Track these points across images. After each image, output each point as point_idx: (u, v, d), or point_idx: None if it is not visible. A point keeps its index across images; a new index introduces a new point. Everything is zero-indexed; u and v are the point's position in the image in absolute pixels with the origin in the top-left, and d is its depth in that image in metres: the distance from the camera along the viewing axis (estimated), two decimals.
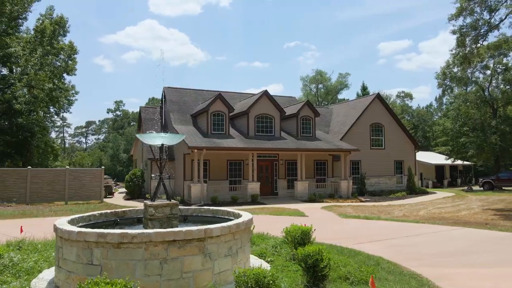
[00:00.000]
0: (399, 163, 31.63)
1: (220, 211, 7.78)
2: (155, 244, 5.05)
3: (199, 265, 5.29)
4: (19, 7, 26.65)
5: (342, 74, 59.08)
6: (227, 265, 5.61)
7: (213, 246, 5.45)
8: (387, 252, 8.76)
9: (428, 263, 7.83)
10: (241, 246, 5.99)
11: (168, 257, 5.10)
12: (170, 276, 5.10)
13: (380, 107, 31.20)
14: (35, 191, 23.10)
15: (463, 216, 17.59)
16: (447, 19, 22.40)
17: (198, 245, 5.31)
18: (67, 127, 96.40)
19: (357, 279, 6.06)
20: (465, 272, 7.15)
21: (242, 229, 6.00)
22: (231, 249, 5.74)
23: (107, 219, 7.38)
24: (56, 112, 40.28)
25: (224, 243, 5.62)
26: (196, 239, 5.28)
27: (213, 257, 5.44)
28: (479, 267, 7.53)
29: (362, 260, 7.34)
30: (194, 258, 5.26)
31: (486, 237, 11.09)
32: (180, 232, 5.16)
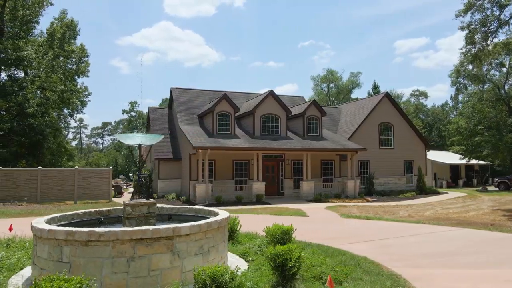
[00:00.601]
0: (409, 163, 31.19)
1: (203, 210, 7.85)
2: (122, 242, 5.14)
3: (168, 263, 5.36)
4: (30, 11, 27.34)
5: (353, 73, 58.63)
6: (198, 263, 5.66)
7: (182, 244, 5.52)
8: (375, 252, 8.69)
9: (413, 263, 7.74)
10: (214, 245, 6.04)
11: (135, 255, 5.19)
12: (137, 274, 5.19)
13: (389, 106, 30.82)
14: (45, 191, 23.66)
15: (470, 217, 17.26)
16: (455, 15, 21.96)
17: (167, 244, 5.39)
18: (84, 128, 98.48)
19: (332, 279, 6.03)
20: (447, 273, 7.04)
21: (215, 228, 6.05)
22: (202, 247, 5.80)
23: (91, 218, 7.53)
24: (69, 113, 41.15)
25: (194, 242, 5.68)
26: (164, 237, 5.36)
27: (182, 255, 5.51)
28: (464, 268, 7.41)
29: (343, 260, 7.31)
30: (162, 256, 5.35)
31: (483, 238, 10.87)
32: (147, 230, 5.25)
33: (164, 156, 26.12)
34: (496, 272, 7.13)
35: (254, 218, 15.73)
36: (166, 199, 24.21)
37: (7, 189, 22.99)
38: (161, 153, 26.25)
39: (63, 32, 29.08)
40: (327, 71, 58.12)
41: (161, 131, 28.03)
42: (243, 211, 18.21)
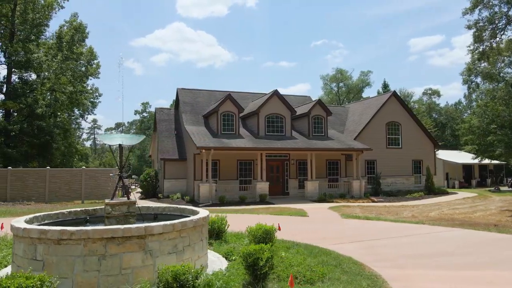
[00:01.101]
0: (418, 163, 30.78)
1: (187, 209, 7.92)
2: (93, 241, 5.24)
3: (139, 262, 5.43)
4: (40, 15, 27.90)
5: (364, 72, 58.05)
6: (171, 262, 5.71)
7: (154, 243, 5.59)
8: (363, 253, 8.64)
9: (397, 264, 7.66)
10: (189, 244, 6.10)
11: (106, 253, 5.28)
12: (109, 272, 5.27)
13: (397, 105, 30.46)
14: (53, 191, 24.13)
15: (475, 218, 16.95)
16: (462, 13, 21.63)
17: (139, 243, 5.46)
18: (97, 128, 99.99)
19: (305, 279, 6.03)
20: (430, 274, 6.95)
21: (190, 227, 6.10)
22: (176, 247, 5.86)
23: (77, 217, 7.66)
24: (81, 114, 41.86)
25: (168, 241, 5.74)
26: (136, 236, 5.43)
27: (155, 254, 5.58)
28: (449, 269, 7.30)
29: (325, 260, 7.28)
30: (134, 255, 5.42)
31: (480, 239, 10.69)
32: (118, 229, 5.33)
33: (170, 156, 26.34)
34: (481, 273, 7.01)
35: (253, 218, 15.70)
36: (171, 199, 24.40)
37: (16, 189, 23.52)
38: (167, 153, 26.48)
39: (72, 35, 29.63)
40: (337, 70, 57.83)
41: (167, 131, 28.30)
42: (244, 211, 18.27)
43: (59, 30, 30.07)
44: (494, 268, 7.41)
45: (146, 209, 8.44)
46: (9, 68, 28.02)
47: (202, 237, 6.57)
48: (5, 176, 23.35)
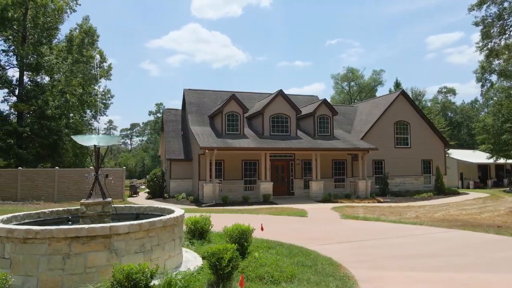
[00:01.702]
0: (427, 163, 30.26)
1: (167, 209, 7.98)
2: (57, 240, 5.34)
3: (104, 261, 5.52)
4: (51, 19, 28.54)
5: (376, 71, 57.40)
6: (138, 261, 5.76)
7: (120, 243, 5.66)
8: (346, 253, 8.57)
9: (378, 265, 7.57)
10: (158, 243, 6.16)
11: (71, 252, 5.38)
12: (73, 270, 5.37)
13: (405, 104, 30.01)
14: (62, 190, 24.64)
15: (481, 218, 16.55)
16: (467, 9, 21.16)
17: (104, 242, 5.54)
18: (113, 129, 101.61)
19: (272, 279, 6.02)
20: (407, 275, 6.84)
21: (159, 227, 6.16)
22: (143, 246, 5.92)
23: (60, 217, 7.81)
24: (93, 115, 42.60)
25: (134, 240, 5.81)
26: (101, 236, 5.52)
27: (121, 253, 5.65)
28: (429, 271, 7.16)
29: (301, 261, 7.25)
30: (99, 254, 5.51)
31: (474, 241, 10.46)
32: (82, 229, 5.42)
33: (176, 156, 26.59)
34: (459, 275, 6.87)
35: (251, 218, 15.71)
36: (176, 198, 24.63)
37: (27, 188, 24.12)
38: (173, 154, 26.74)
39: (82, 38, 30.21)
40: (348, 69, 57.31)
41: (174, 132, 28.56)
42: (244, 211, 18.30)
43: (69, 33, 30.71)
44: (474, 270, 7.24)
45: (128, 209, 8.56)
46: (21, 71, 28.77)
47: (175, 237, 6.62)
48: (15, 176, 23.97)
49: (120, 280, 4.56)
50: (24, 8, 28.30)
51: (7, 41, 28.88)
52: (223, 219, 14.98)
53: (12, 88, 28.65)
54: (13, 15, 28.35)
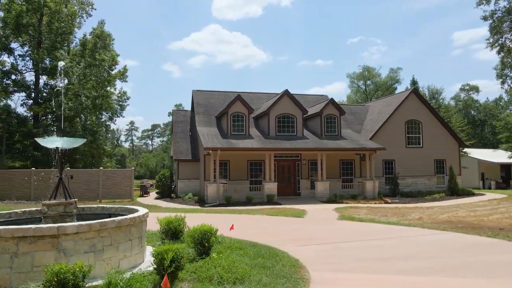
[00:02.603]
0: (441, 162, 29.45)
1: (134, 209, 8.11)
2: (5, 240, 5.53)
3: (52, 260, 5.67)
4: (64, 24, 29.44)
5: (393, 69, 56.30)
6: (88, 261, 5.92)
7: (69, 243, 5.81)
8: (318, 255, 8.49)
9: (343, 267, 7.46)
10: (111, 243, 6.28)
11: (18, 251, 5.56)
12: (21, 269, 5.56)
13: (417, 102, 29.31)
14: (73, 190, 24.69)
15: (488, 221, 15.99)
16: (476, 3, 20.44)
17: (52, 242, 5.70)
18: (135, 130, 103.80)
19: (221, 280, 6.03)
20: (367, 277, 6.72)
21: (112, 227, 6.28)
22: (94, 246, 6.05)
23: (32, 216, 8.05)
24: (110, 117, 43.62)
25: (84, 240, 5.95)
26: (48, 235, 5.68)
27: (69, 253, 5.80)
28: (393, 273, 7.01)
29: (261, 262, 7.22)
30: (47, 253, 5.67)
31: (461, 243, 10.13)
32: (29, 229, 5.59)
33: (184, 157, 26.89)
34: (422, 279, 6.69)
35: (245, 219, 15.77)
36: (182, 198, 24.91)
37: (40, 188, 24.92)
38: (181, 154, 27.05)
39: (94, 42, 31.03)
40: (363, 68, 56.38)
41: (182, 132, 28.90)
42: (243, 212, 18.31)
43: (83, 38, 31.61)
44: (441, 274, 7.03)
45: (101, 209, 8.76)
46: (36, 74, 29.82)
47: (132, 237, 6.73)
48: (29, 177, 24.85)
49: (50, 280, 4.68)
50: (39, 14, 29.29)
51: (23, 46, 29.97)
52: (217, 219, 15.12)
53: (29, 92, 29.71)
54: (29, 21, 29.41)
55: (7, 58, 29.73)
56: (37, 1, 28.66)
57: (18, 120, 28.45)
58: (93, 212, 8.55)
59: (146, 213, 7.29)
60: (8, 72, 28.92)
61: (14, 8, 27.40)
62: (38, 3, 28.72)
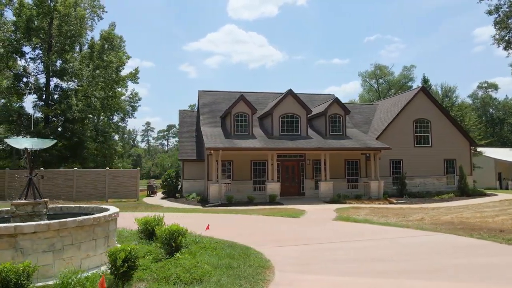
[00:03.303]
0: (451, 162, 28.74)
1: (104, 209, 8.18)
2: None
3: (9, 258, 5.76)
4: (73, 27, 30.05)
5: (406, 67, 55.25)
6: (46, 260, 6.01)
7: (26, 242, 5.89)
8: (290, 256, 8.41)
9: (311, 269, 7.35)
10: (72, 243, 6.34)
11: None
12: None
13: (426, 101, 28.69)
14: (80, 190, 25.82)
15: (491, 222, 15.52)
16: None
17: (9, 241, 5.80)
18: (151, 130, 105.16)
19: (178, 280, 6.03)
20: (331, 279, 6.61)
21: (73, 226, 6.34)
22: (53, 245, 6.13)
23: (2, 216, 8.19)
24: (121, 118, 44.30)
25: (43, 240, 6.03)
26: (6, 235, 5.78)
27: (27, 252, 5.89)
28: (360, 276, 6.86)
29: (227, 263, 7.18)
30: (4, 252, 5.77)
31: (445, 246, 9.83)
32: None
33: (189, 157, 27.06)
34: (387, 281, 6.53)
35: (240, 219, 15.72)
36: (185, 198, 25.07)
37: (47, 188, 25.48)
38: (186, 154, 27.23)
39: (102, 45, 31.58)
40: (375, 67, 55.60)
41: (188, 133, 29.09)
42: (239, 212, 18.26)
43: (91, 40, 32.26)
44: (410, 276, 6.85)
45: (73, 209, 8.85)
46: (47, 77, 30.51)
47: (96, 237, 6.79)
48: (37, 177, 25.39)
49: None
50: (49, 18, 29.97)
51: (35, 49, 30.73)
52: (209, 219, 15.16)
53: (40, 94, 30.45)
54: (41, 24, 30.13)
55: (19, 62, 30.53)
56: (47, 5, 29.33)
57: (29, 122, 29.17)
58: (71, 212, 8.67)
59: (113, 213, 7.34)
60: (21, 75, 29.68)
61: (24, 13, 28.12)
62: (48, 7, 29.39)
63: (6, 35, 28.41)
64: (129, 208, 21.11)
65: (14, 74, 29.17)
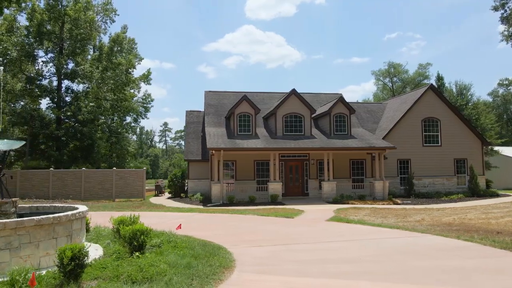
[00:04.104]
0: (461, 162, 27.97)
1: (74, 208, 8.35)
2: None
3: None
4: (83, 31, 30.79)
5: (422, 65, 54.07)
6: (3, 258, 6.21)
7: None
8: (258, 256, 8.50)
9: (271, 269, 7.34)
10: (30, 241, 6.52)
11: None
12: None
13: (435, 99, 28.02)
14: (88, 190, 26.43)
15: (494, 224, 15.11)
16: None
17: None
18: (168, 131, 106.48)
19: (129, 279, 6.12)
20: (285, 280, 6.57)
21: (31, 225, 6.52)
22: (10, 243, 6.31)
23: None
24: (134, 119, 45.06)
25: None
26: None
27: None
28: (317, 276, 6.80)
29: (187, 262, 7.22)
30: None
31: (426, 248, 9.63)
32: None
33: (194, 157, 27.29)
34: (343, 282, 6.44)
35: (229, 219, 15.73)
36: (189, 198, 25.29)
37: (57, 188, 26.22)
38: (191, 154, 27.47)
39: (111, 47, 32.26)
40: (389, 65, 54.59)
41: (194, 133, 29.34)
42: (236, 212, 18.28)
43: (99, 43, 33.01)
44: (367, 278, 6.73)
45: (48, 208, 9.06)
46: (59, 79, 31.37)
47: (57, 236, 6.95)
48: (47, 177, 26.20)
49: None
50: (61, 22, 30.81)
51: (47, 52, 31.65)
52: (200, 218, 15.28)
53: (52, 96, 31.32)
54: (53, 28, 31.00)
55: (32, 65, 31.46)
56: (58, 9, 30.15)
57: (42, 124, 30.03)
58: (46, 211, 8.87)
59: (78, 212, 7.49)
60: (33, 78, 30.61)
61: (36, 17, 29.00)
62: (59, 11, 30.21)
63: (19, 39, 29.38)
64: (131, 207, 21.47)
65: (27, 77, 30.12)
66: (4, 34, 28.47)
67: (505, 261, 8.11)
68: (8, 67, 29.34)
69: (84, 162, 31.13)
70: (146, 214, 18.04)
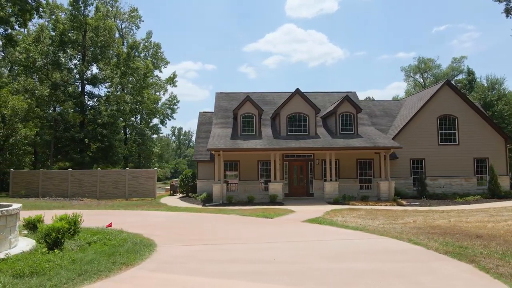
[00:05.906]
0: (482, 161, 26.29)
1: (9, 205, 8.91)
2: None
3: None
4: (103, 38, 32.42)
5: (456, 59, 51.04)
6: None
7: None
8: (177, 255, 8.65)
9: (178, 268, 7.47)
10: None
11: None
12: None
13: (452, 96, 26.56)
14: (103, 189, 27.78)
15: (487, 228, 14.20)
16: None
17: None
18: None
19: (16, 272, 6.51)
20: (178, 278, 6.68)
21: None
22: None
23: None
24: (161, 120, 46.63)
25: None
26: None
27: None
28: (215, 276, 6.84)
29: (91, 258, 7.50)
30: None
31: (365, 250, 9.34)
32: None
33: (202, 157, 27.79)
34: (235, 282, 6.44)
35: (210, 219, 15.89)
36: (194, 198, 25.81)
37: (75, 187, 27.80)
38: (200, 155, 28.00)
39: (128, 53, 33.69)
40: (419, 60, 52.10)
41: (205, 134, 29.85)
42: (228, 212, 18.32)
43: (117, 49, 34.59)
44: (264, 278, 6.66)
45: None
46: (82, 84, 33.22)
47: None
48: (66, 177, 27.86)
49: None
50: (83, 31, 32.63)
51: (71, 59, 33.64)
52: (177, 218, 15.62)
53: (76, 101, 33.24)
54: (77, 37, 32.89)
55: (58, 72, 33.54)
56: (79, 19, 31.96)
57: (65, 127, 31.92)
58: None
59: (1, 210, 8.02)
60: (58, 84, 32.65)
61: (58, 27, 30.95)
62: (80, 21, 32.02)
63: (45, 48, 31.49)
64: (135, 206, 22.29)
65: (53, 83, 32.19)
66: (31, 44, 30.62)
67: (426, 266, 7.67)
68: (36, 74, 31.47)
69: (105, 163, 32.74)
70: (137, 213, 18.75)
